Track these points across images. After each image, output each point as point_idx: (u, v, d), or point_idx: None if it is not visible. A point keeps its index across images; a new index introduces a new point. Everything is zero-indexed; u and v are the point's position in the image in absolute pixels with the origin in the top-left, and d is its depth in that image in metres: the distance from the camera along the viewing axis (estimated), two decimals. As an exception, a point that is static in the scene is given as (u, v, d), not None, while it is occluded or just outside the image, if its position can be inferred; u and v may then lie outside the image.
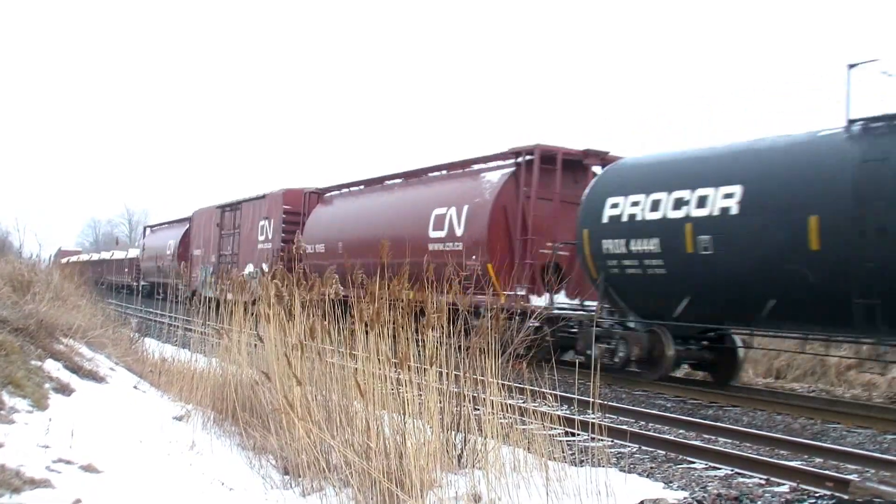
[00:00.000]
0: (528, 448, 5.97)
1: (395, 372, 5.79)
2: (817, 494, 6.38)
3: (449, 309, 6.04)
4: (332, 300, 7.05)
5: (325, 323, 6.71)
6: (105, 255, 55.80)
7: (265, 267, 19.26)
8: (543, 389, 6.58)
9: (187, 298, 11.48)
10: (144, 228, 46.35)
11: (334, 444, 5.41)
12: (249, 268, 23.21)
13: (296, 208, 23.44)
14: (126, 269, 46.22)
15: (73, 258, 59.94)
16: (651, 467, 7.32)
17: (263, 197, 25.38)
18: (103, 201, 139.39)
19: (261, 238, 24.92)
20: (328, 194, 23.19)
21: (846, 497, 6.14)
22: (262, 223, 24.96)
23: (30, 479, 4.85)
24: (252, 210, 26.07)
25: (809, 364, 14.73)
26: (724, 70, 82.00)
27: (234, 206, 27.98)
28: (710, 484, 6.68)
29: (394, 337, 5.86)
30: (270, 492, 5.77)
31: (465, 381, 6.09)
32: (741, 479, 6.88)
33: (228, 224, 28.41)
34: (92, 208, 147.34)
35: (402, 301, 5.96)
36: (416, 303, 6.01)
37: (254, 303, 8.27)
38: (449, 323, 6.07)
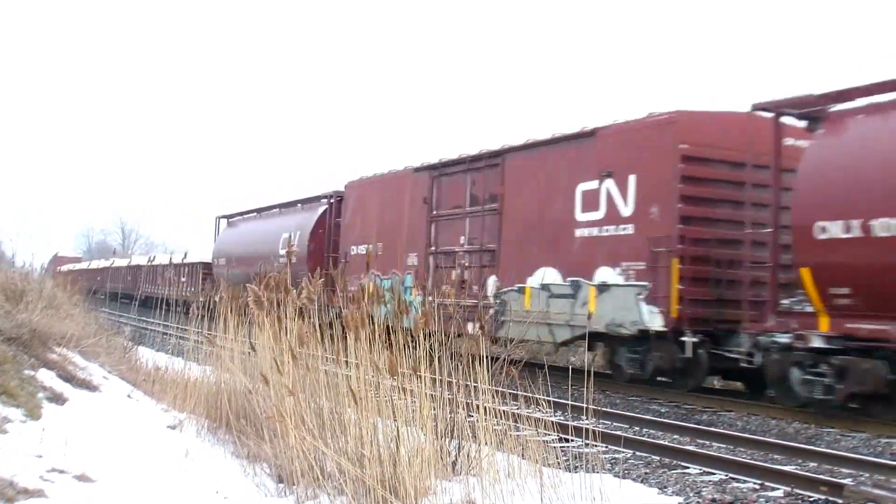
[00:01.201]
0: (523, 454, 5.98)
1: (389, 379, 5.79)
2: (812, 499, 6.41)
3: None
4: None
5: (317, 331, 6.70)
6: (137, 260, 42.98)
7: (615, 273, 11.96)
8: (537, 395, 6.59)
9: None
10: (218, 220, 29.66)
11: (328, 452, 5.41)
12: (546, 275, 13.27)
13: (721, 151, 11.79)
14: (183, 280, 32.59)
15: (82, 265, 54.40)
16: (645, 473, 7.33)
17: (591, 135, 12.97)
18: (97, 210, 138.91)
19: (584, 217, 12.86)
20: (840, 107, 10.41)
21: (840, 501, 6.16)
22: (583, 188, 12.91)
23: (23, 488, 4.85)
24: (537, 165, 14.04)
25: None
26: (724, 70, 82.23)
27: (475, 164, 15.46)
28: (704, 489, 6.70)
29: (388, 344, 5.85)
30: (265, 500, 5.76)
31: (459, 388, 6.09)
32: (735, 484, 6.90)
33: (454, 196, 15.98)
34: (86, 217, 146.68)
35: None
36: None
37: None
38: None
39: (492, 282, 14.42)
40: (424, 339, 5.85)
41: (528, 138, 14.44)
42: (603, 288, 12.18)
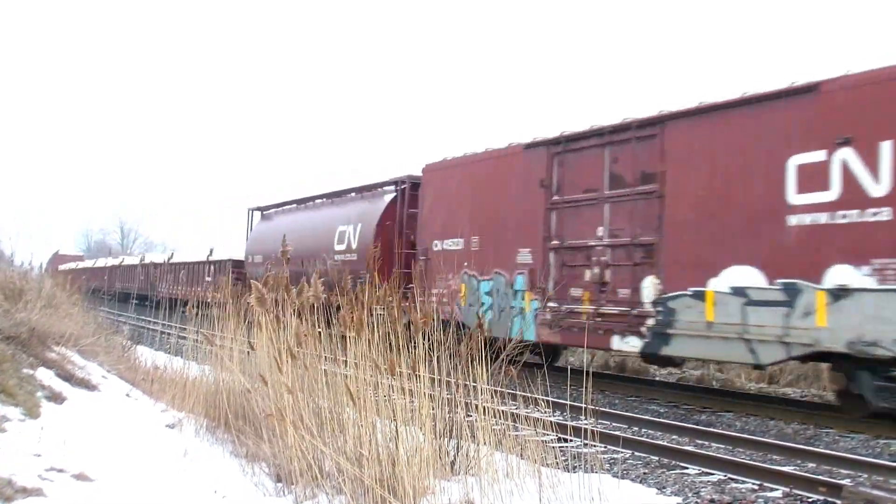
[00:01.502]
0: (521, 454, 5.98)
1: (387, 378, 5.79)
2: (810, 500, 6.42)
3: None
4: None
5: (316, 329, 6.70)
6: (155, 259, 38.36)
7: (860, 273, 9.01)
8: (536, 395, 6.59)
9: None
10: (251, 212, 26.20)
11: (327, 452, 5.41)
12: (739, 276, 10.45)
13: None
14: (208, 280, 29.59)
15: (87, 264, 53.30)
16: (644, 473, 7.34)
17: (812, 90, 9.95)
18: (96, 210, 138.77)
19: (803, 200, 9.87)
20: None
21: (839, 502, 6.16)
22: (798, 161, 9.92)
23: (22, 487, 4.85)
24: (719, 133, 10.90)
25: (802, 369, 14.74)
26: (727, 71, 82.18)
27: (617, 136, 12.39)
28: (703, 489, 6.71)
29: (389, 344, 5.86)
30: (263, 499, 5.76)
31: (458, 387, 6.09)
32: (734, 485, 6.91)
33: (585, 177, 12.77)
34: (85, 216, 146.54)
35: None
36: None
37: None
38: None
39: (649, 284, 11.49)
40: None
41: (699, 101, 11.36)
42: (840, 293, 9.28)
